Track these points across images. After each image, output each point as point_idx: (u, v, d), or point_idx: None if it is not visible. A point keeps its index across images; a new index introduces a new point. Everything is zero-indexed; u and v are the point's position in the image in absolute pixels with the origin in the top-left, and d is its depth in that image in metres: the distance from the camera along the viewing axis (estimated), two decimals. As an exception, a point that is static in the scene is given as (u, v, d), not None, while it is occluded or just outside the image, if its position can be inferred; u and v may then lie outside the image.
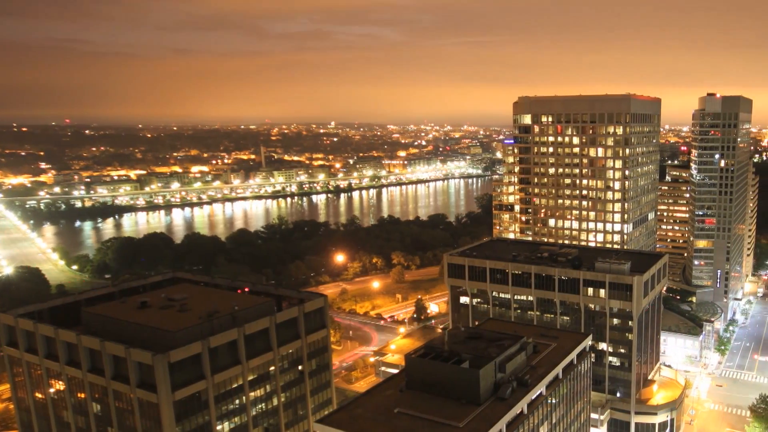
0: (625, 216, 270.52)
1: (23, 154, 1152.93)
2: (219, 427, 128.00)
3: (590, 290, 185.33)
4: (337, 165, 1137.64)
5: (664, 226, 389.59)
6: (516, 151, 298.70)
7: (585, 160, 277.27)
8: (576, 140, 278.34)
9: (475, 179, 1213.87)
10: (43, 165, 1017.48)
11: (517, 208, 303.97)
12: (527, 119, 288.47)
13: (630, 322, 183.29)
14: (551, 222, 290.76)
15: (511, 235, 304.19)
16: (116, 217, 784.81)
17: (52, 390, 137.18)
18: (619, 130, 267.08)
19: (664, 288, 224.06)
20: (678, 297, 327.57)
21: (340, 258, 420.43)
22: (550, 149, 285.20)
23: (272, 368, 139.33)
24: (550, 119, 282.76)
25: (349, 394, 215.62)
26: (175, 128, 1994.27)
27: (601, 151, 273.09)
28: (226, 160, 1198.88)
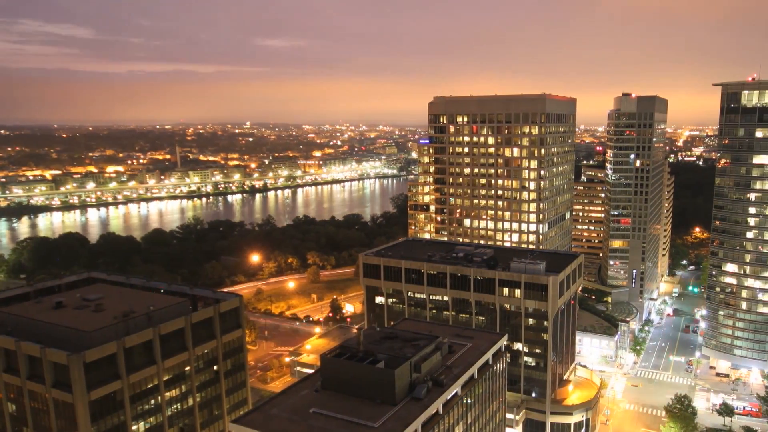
0: (541, 216, 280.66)
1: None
2: (134, 427, 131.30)
3: (506, 290, 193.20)
4: (253, 165, 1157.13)
5: (579, 226, 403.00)
6: (431, 151, 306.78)
7: (500, 160, 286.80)
8: (491, 140, 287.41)
9: (390, 179, 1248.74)
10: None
11: (432, 208, 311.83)
12: (443, 119, 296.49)
13: (545, 322, 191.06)
14: (467, 222, 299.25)
15: (427, 235, 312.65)
16: (31, 217, 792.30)
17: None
18: (535, 130, 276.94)
19: (580, 288, 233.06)
20: (593, 297, 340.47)
21: (255, 258, 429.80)
22: (466, 149, 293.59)
23: (188, 368, 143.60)
24: (465, 119, 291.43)
25: (264, 394, 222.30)
26: (90, 128, 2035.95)
27: (516, 151, 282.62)
28: (141, 160, 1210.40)
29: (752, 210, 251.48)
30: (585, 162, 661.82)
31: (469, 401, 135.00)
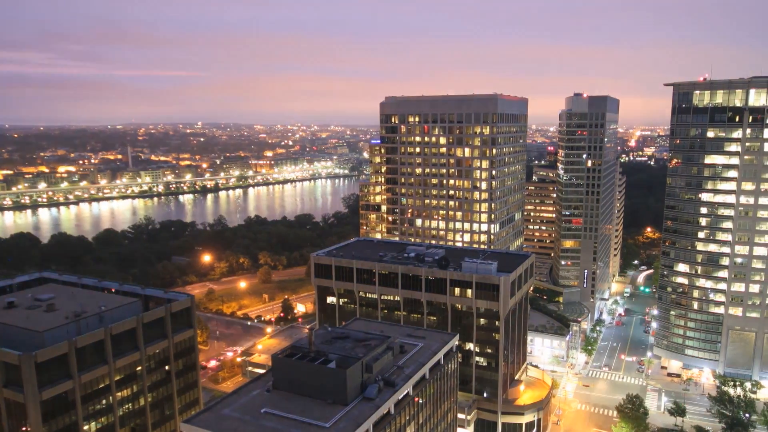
0: (492, 216, 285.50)
1: None
2: (86, 427, 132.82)
3: (457, 290, 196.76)
4: (204, 165, 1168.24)
5: (531, 226, 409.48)
6: (383, 151, 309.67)
7: (452, 160, 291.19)
8: (443, 140, 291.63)
9: (342, 179, 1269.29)
10: None
11: (383, 208, 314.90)
12: (394, 119, 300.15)
13: (497, 322, 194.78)
14: (418, 222, 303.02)
15: (378, 235, 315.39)
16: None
17: None
18: (486, 130, 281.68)
19: (531, 288, 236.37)
20: (545, 297, 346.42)
21: (207, 258, 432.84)
22: (417, 149, 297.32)
23: (139, 368, 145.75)
24: (417, 119, 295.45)
25: (216, 394, 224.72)
26: (41, 128, 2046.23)
27: (468, 151, 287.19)
28: (93, 160, 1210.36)
29: (703, 210, 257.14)
30: (537, 162, 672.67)
31: (420, 401, 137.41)
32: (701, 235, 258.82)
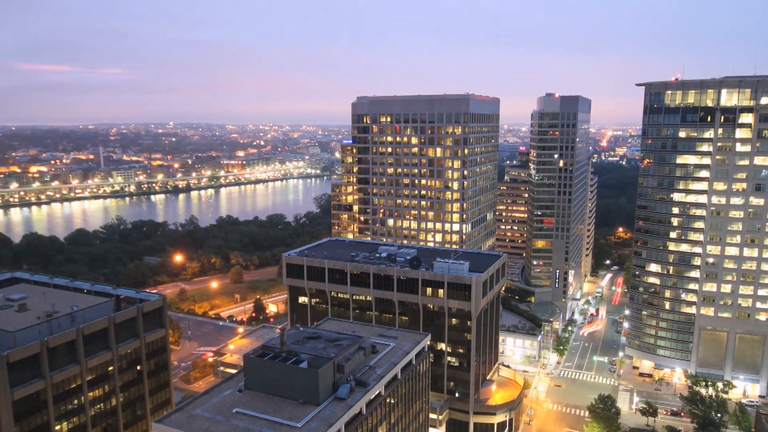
0: (464, 216, 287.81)
1: None
2: (58, 427, 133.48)
3: (429, 290, 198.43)
4: (176, 165, 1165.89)
5: (503, 226, 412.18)
6: (355, 151, 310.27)
7: (424, 160, 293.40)
8: (415, 140, 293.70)
9: (314, 179, 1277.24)
10: None
11: (355, 208, 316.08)
12: (366, 119, 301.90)
13: (469, 322, 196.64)
14: (390, 222, 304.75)
15: (350, 235, 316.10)
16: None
17: None
18: (458, 130, 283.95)
19: (503, 288, 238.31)
20: (517, 297, 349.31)
21: (179, 258, 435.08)
22: (389, 149, 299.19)
23: (111, 368, 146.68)
24: (389, 119, 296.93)
25: (188, 394, 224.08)
26: (13, 128, 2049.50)
27: (439, 151, 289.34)
28: (65, 160, 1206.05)
29: (675, 210, 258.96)
30: (508, 162, 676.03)
31: (392, 401, 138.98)
32: (673, 235, 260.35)
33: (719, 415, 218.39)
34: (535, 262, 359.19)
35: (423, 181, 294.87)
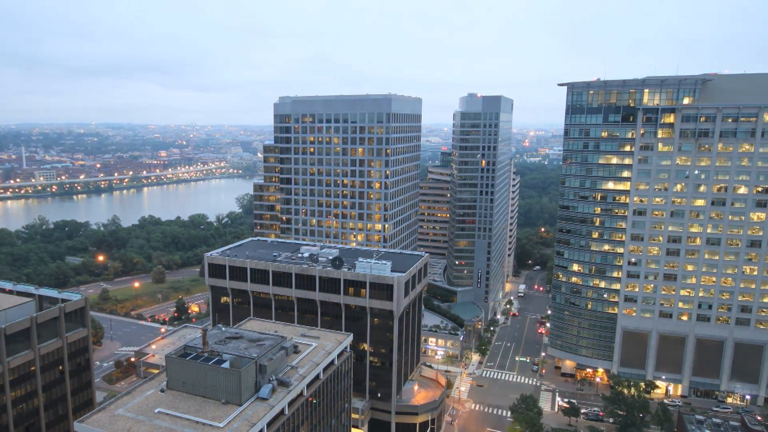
0: (386, 215, 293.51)
1: None
2: None
3: (351, 290, 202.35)
4: (98, 165, 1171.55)
5: (425, 226, 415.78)
6: (277, 151, 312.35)
7: (347, 160, 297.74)
8: (337, 140, 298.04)
9: (236, 179, 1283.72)
10: None
11: (278, 207, 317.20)
12: (288, 119, 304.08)
13: (391, 322, 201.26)
14: (313, 221, 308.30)
15: (273, 235, 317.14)
16: None
17: None
18: (381, 130, 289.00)
19: (425, 288, 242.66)
20: (439, 297, 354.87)
21: (101, 258, 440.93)
22: (312, 149, 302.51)
23: (33, 368, 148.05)
24: (311, 119, 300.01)
25: (110, 394, 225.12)
26: None
27: (362, 151, 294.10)
28: None
29: (597, 210, 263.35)
30: (431, 162, 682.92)
31: (314, 401, 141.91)
32: (595, 235, 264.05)
33: (641, 415, 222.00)
34: (457, 262, 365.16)
35: (346, 181, 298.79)
